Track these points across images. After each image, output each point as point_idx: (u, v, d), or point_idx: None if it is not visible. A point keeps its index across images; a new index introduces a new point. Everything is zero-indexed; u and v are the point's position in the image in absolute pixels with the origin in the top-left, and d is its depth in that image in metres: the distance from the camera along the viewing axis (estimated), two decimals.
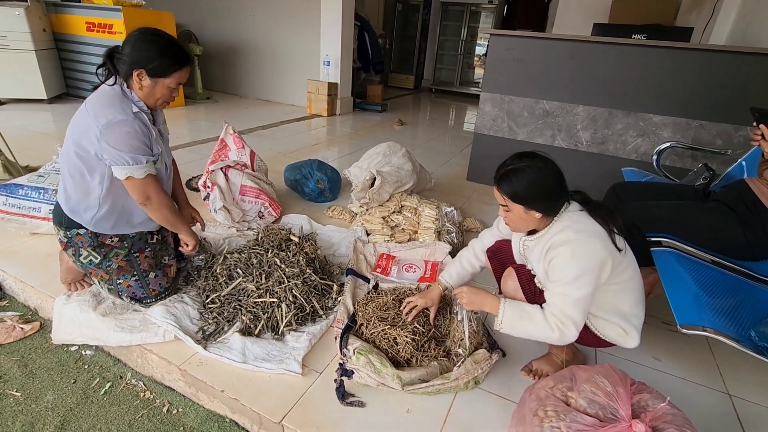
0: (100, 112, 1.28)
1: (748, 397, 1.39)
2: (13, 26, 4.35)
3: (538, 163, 1.16)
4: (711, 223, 1.50)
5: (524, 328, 1.19)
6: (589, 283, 1.13)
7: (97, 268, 1.49)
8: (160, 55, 1.30)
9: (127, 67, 1.31)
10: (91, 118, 1.28)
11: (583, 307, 1.15)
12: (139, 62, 1.29)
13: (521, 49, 2.85)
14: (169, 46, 1.33)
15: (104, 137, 1.26)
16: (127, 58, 1.30)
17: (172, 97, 1.42)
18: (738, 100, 2.39)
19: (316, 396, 1.28)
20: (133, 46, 1.30)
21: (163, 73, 1.32)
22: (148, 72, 1.31)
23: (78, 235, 1.43)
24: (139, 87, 1.33)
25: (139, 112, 1.33)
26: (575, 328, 1.14)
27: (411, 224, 2.28)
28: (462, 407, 1.28)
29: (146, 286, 1.53)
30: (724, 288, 1.31)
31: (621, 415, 1.01)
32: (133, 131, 1.28)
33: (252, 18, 5.91)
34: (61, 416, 1.31)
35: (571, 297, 1.13)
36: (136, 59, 1.29)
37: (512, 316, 1.20)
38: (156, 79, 1.33)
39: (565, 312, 1.13)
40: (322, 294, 1.68)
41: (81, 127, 1.31)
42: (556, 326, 1.14)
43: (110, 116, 1.26)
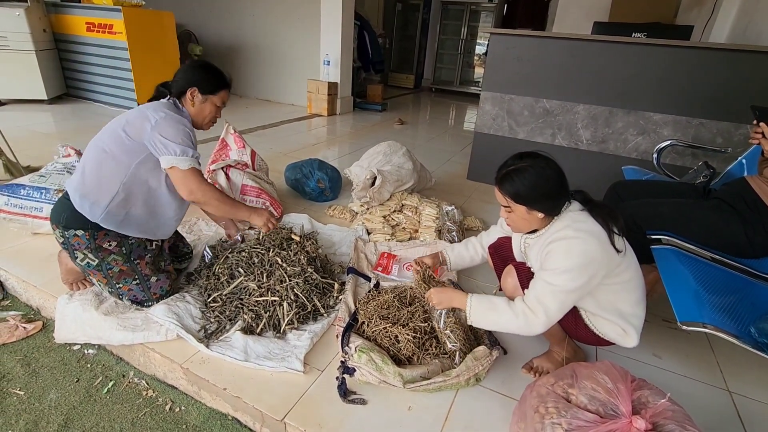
0: (158, 110, 1.41)
1: (748, 394, 1.40)
2: (13, 27, 4.36)
3: (540, 162, 1.17)
4: (711, 221, 1.50)
5: (491, 318, 1.23)
6: (576, 279, 1.14)
7: (96, 270, 1.48)
8: (210, 76, 1.53)
9: (181, 86, 1.50)
10: (145, 114, 1.40)
11: (563, 300, 1.15)
12: (193, 82, 1.49)
13: (521, 47, 2.85)
14: (216, 71, 1.57)
15: (158, 128, 1.37)
16: (181, 80, 1.50)
17: (216, 117, 1.60)
18: (738, 98, 2.39)
19: (318, 394, 1.28)
20: (186, 71, 1.53)
21: (212, 90, 1.53)
22: (200, 89, 1.50)
23: (75, 236, 1.43)
24: (192, 104, 1.52)
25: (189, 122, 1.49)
26: (545, 317, 1.15)
27: (412, 223, 2.28)
28: (463, 404, 1.28)
29: (148, 290, 1.54)
30: (724, 285, 1.31)
31: (621, 412, 1.01)
32: (184, 127, 1.41)
33: (252, 18, 5.92)
34: (65, 415, 1.31)
35: (553, 287, 1.14)
36: (190, 79, 1.50)
37: (478, 309, 1.25)
38: (206, 96, 1.52)
39: (539, 298, 1.14)
40: (323, 293, 1.69)
41: (130, 120, 1.41)
42: (522, 312, 1.16)
43: (167, 113, 1.41)
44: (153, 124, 1.36)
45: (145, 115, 1.39)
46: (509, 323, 1.20)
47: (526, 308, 1.17)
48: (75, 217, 1.41)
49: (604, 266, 1.17)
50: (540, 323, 1.16)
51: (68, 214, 1.42)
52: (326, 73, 5.48)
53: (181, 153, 1.37)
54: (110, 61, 4.72)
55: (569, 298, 1.17)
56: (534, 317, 1.16)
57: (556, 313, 1.16)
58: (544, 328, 1.18)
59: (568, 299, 1.17)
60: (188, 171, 1.39)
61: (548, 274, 1.17)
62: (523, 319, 1.17)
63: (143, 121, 1.38)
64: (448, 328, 1.42)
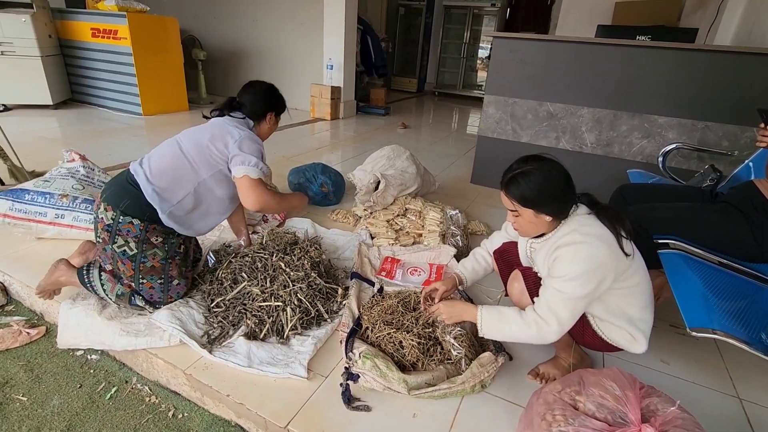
0: (239, 127, 1.64)
1: (759, 401, 1.37)
2: (19, 33, 4.40)
3: (546, 165, 1.16)
4: (718, 225, 1.49)
5: (503, 329, 1.22)
6: (585, 285, 1.12)
7: (129, 260, 1.49)
8: (282, 101, 1.82)
9: (260, 111, 1.75)
10: (229, 130, 1.61)
11: (574, 307, 1.13)
12: (273, 106, 1.78)
13: (524, 51, 2.85)
14: (281, 96, 1.84)
15: (240, 143, 1.57)
16: (261, 104, 1.74)
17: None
18: (744, 101, 2.37)
19: (322, 400, 1.27)
20: (266, 95, 1.76)
21: (281, 112, 1.84)
22: (275, 114, 1.81)
23: (129, 223, 1.47)
24: (269, 125, 1.80)
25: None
26: (557, 326, 1.13)
27: (415, 227, 2.27)
28: (469, 411, 1.27)
29: (167, 291, 1.56)
30: (733, 290, 1.29)
31: (630, 420, 1.00)
32: (259, 146, 1.64)
33: (255, 23, 5.95)
34: (67, 421, 1.31)
35: (564, 294, 1.13)
36: (272, 104, 1.77)
37: (490, 320, 1.23)
38: (278, 117, 1.83)
39: (551, 307, 1.13)
40: (327, 298, 1.68)
41: (216, 134, 1.60)
42: (534, 322, 1.14)
43: (247, 132, 1.64)
44: (237, 139, 1.57)
45: (228, 130, 1.60)
46: (521, 333, 1.19)
47: (538, 317, 1.15)
48: (137, 205, 1.47)
49: (612, 270, 1.15)
50: (552, 332, 1.14)
51: (131, 202, 1.47)
52: (329, 77, 5.49)
53: (255, 165, 1.57)
54: (115, 67, 4.76)
55: (580, 305, 1.15)
56: (546, 326, 1.14)
57: (568, 320, 1.15)
58: (556, 337, 1.16)
59: (579, 306, 1.15)
60: (257, 180, 1.60)
61: (557, 282, 1.15)
62: (536, 328, 1.15)
63: (226, 135, 1.58)
64: (452, 335, 1.41)
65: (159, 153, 1.59)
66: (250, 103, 1.73)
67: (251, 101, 1.73)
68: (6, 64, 4.42)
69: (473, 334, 1.50)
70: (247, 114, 1.73)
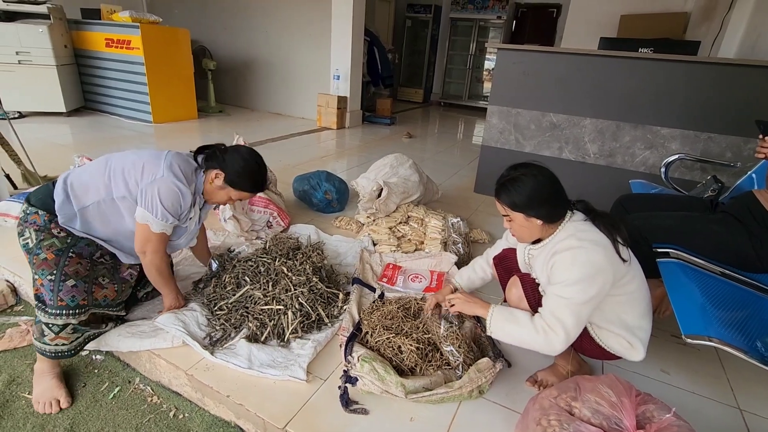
0: (173, 167, 1.40)
1: (759, 412, 1.36)
2: (36, 43, 4.54)
3: (533, 171, 1.20)
4: (718, 235, 1.49)
5: (511, 331, 1.21)
6: (587, 289, 1.13)
7: (26, 253, 1.38)
8: (246, 175, 1.48)
9: (215, 164, 1.47)
10: (160, 163, 1.40)
11: (578, 313, 1.14)
12: (226, 169, 1.46)
13: (528, 62, 2.89)
14: (257, 175, 1.51)
15: (158, 182, 1.36)
16: (221, 159, 1.47)
17: (226, 204, 1.60)
18: (747, 112, 2.38)
19: (320, 403, 1.28)
20: (234, 155, 1.48)
21: (236, 186, 1.49)
22: (225, 178, 1.47)
23: (35, 214, 1.37)
24: (210, 182, 1.49)
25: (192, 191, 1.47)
26: (564, 333, 1.13)
27: (417, 235, 2.29)
28: (466, 417, 1.27)
29: (57, 292, 1.30)
30: (731, 300, 1.29)
31: (625, 426, 1.00)
32: (179, 197, 1.40)
33: (264, 34, 6.07)
34: (71, 419, 1.33)
35: (566, 300, 1.13)
36: (227, 165, 1.46)
37: (499, 319, 1.23)
38: (226, 186, 1.49)
39: (556, 314, 1.13)
40: (328, 302, 1.70)
41: (150, 160, 1.41)
42: (542, 329, 1.14)
43: (175, 175, 1.39)
44: (158, 177, 1.36)
45: (159, 164, 1.39)
46: (528, 337, 1.18)
47: (545, 325, 1.15)
48: (46, 200, 1.38)
49: (610, 275, 1.16)
50: (560, 340, 1.14)
51: (42, 196, 1.39)
52: (336, 87, 5.57)
53: (161, 216, 1.37)
54: (127, 76, 4.88)
55: (584, 310, 1.15)
56: (554, 334, 1.14)
57: (573, 327, 1.14)
58: (563, 346, 1.15)
59: (583, 311, 1.15)
60: (156, 234, 1.40)
61: (558, 288, 1.16)
62: (543, 335, 1.14)
63: (155, 168, 1.38)
64: (449, 341, 1.41)
65: (91, 163, 1.49)
66: (216, 155, 1.48)
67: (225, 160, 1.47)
68: (23, 73, 4.56)
69: (472, 340, 1.51)
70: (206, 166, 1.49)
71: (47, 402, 1.35)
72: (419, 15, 8.24)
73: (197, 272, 1.90)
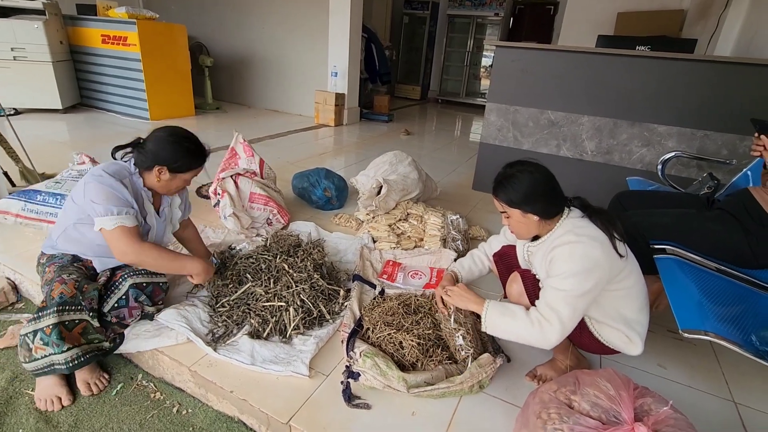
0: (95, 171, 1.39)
1: (754, 405, 1.39)
2: (31, 39, 4.50)
3: (528, 168, 1.22)
4: (714, 232, 1.51)
5: (506, 325, 1.22)
6: (583, 282, 1.15)
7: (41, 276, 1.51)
8: (184, 156, 1.45)
9: (149, 162, 1.43)
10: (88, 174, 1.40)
11: (574, 305, 1.15)
12: (164, 161, 1.42)
13: (526, 60, 2.90)
14: (193, 149, 1.47)
15: (87, 190, 1.36)
16: (152, 155, 1.42)
17: (183, 187, 1.60)
18: (743, 110, 2.40)
19: (323, 398, 1.30)
20: (159, 145, 1.43)
21: (183, 170, 1.47)
22: (169, 169, 1.44)
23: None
24: (157, 180, 1.46)
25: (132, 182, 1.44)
26: (559, 325, 1.14)
27: (417, 232, 2.31)
28: (466, 411, 1.29)
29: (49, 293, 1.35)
30: (727, 295, 1.32)
31: (623, 419, 1.02)
32: (110, 189, 1.36)
33: (261, 30, 6.05)
34: (74, 415, 1.34)
35: (563, 292, 1.15)
36: (161, 158, 1.42)
37: (494, 313, 1.24)
38: (175, 174, 1.46)
39: (552, 305, 1.15)
40: (329, 299, 1.71)
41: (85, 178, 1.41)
42: (537, 320, 1.16)
43: (98, 175, 1.37)
44: (83, 187, 1.36)
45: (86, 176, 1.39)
46: (524, 330, 1.19)
47: (540, 316, 1.17)
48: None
49: (608, 270, 1.18)
50: (555, 331, 1.15)
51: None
52: (334, 84, 5.57)
53: (104, 212, 1.33)
54: (124, 72, 4.85)
55: (580, 303, 1.17)
56: (548, 325, 1.15)
57: (569, 319, 1.16)
58: (559, 338, 1.16)
59: (579, 304, 1.16)
60: (115, 231, 1.34)
61: (555, 280, 1.18)
62: (538, 327, 1.16)
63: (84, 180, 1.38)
64: (460, 334, 1.42)
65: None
66: (145, 151, 1.43)
67: (147, 147, 1.43)
68: (18, 69, 4.52)
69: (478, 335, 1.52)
70: (140, 166, 1.45)
71: (48, 399, 1.35)
72: (417, 12, 8.24)
73: None
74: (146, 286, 1.48)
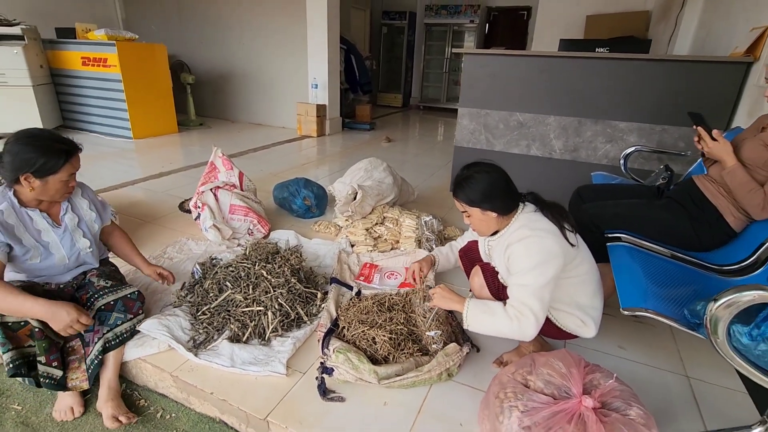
0: None
1: (704, 378, 1.49)
2: (11, 64, 4.54)
3: (484, 168, 1.31)
4: (662, 219, 1.62)
5: (487, 322, 1.28)
6: (544, 273, 1.23)
7: None
8: (41, 155, 1.33)
9: (12, 175, 1.34)
10: None
11: (541, 296, 1.23)
12: (22, 167, 1.32)
13: (494, 65, 3.02)
14: (50, 144, 1.36)
15: None
16: (10, 166, 1.32)
17: (69, 188, 1.47)
18: (696, 104, 2.54)
19: (300, 394, 1.37)
20: (12, 152, 1.32)
21: (51, 170, 1.36)
22: (34, 174, 1.34)
23: None
24: (30, 189, 1.37)
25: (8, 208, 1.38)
26: (533, 317, 1.22)
27: (393, 234, 2.39)
28: (436, 398, 1.37)
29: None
30: (674, 277, 1.41)
31: (573, 393, 1.11)
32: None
33: (241, 45, 6.15)
34: (59, 426, 1.39)
35: (528, 287, 1.24)
36: (18, 165, 1.32)
37: (475, 312, 1.30)
38: (46, 177, 1.36)
39: (522, 301, 1.23)
40: (306, 301, 1.78)
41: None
42: (515, 317, 1.23)
43: None
44: None
45: None
46: (503, 326, 1.24)
47: (516, 312, 1.23)
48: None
49: (562, 258, 1.27)
50: (531, 323, 1.21)
51: None
52: (315, 95, 5.67)
53: None
54: (105, 93, 4.90)
55: (545, 293, 1.24)
56: (525, 319, 1.22)
57: (540, 310, 1.22)
58: (535, 330, 1.22)
59: (544, 294, 1.24)
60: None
61: (518, 277, 1.26)
62: (517, 322, 1.22)
63: None
64: (433, 327, 1.50)
65: None
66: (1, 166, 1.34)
67: (3, 162, 1.33)
68: None
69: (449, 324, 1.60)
70: (7, 180, 1.37)
71: (63, 411, 1.41)
72: (395, 22, 8.41)
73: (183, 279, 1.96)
74: (113, 304, 1.49)
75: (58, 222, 1.52)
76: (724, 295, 0.92)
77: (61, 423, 1.39)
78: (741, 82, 2.41)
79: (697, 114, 1.60)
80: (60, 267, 1.52)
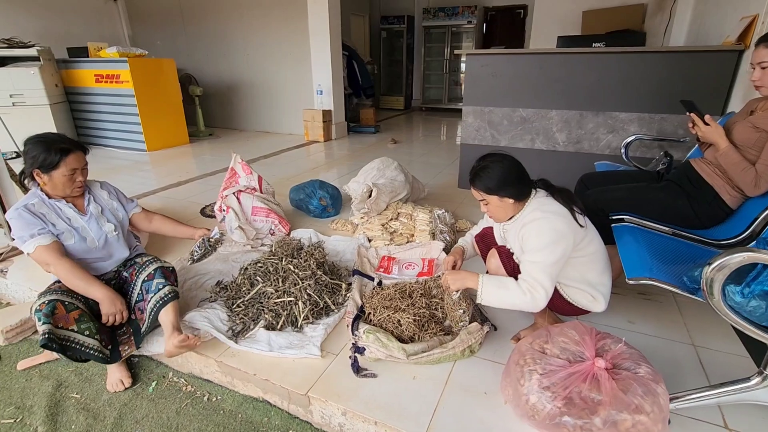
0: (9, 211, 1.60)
1: (709, 346, 1.60)
2: (29, 84, 4.74)
3: (498, 158, 1.43)
4: (661, 200, 1.73)
5: (501, 295, 1.40)
6: (554, 252, 1.36)
7: None
8: (40, 152, 1.57)
9: (27, 170, 1.61)
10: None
11: (550, 273, 1.36)
12: (32, 164, 1.58)
13: (495, 64, 3.15)
14: (51, 142, 1.59)
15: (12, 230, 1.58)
16: (24, 162, 1.61)
17: (75, 183, 1.66)
18: (693, 93, 2.64)
19: (335, 372, 1.49)
20: (24, 151, 1.59)
21: (51, 165, 1.58)
22: (40, 169, 1.59)
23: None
24: (43, 183, 1.63)
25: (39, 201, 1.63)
26: (543, 291, 1.35)
27: (408, 228, 2.51)
28: (461, 372, 1.49)
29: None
30: (673, 252, 1.52)
31: (587, 357, 1.22)
32: (19, 216, 1.57)
33: (246, 57, 6.32)
34: (118, 410, 1.52)
35: (539, 264, 1.36)
36: (29, 162, 1.59)
37: (490, 287, 1.42)
38: (50, 173, 1.59)
39: (534, 276, 1.35)
40: (333, 292, 1.91)
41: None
42: (528, 290, 1.36)
43: (18, 206, 1.59)
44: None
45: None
46: (517, 299, 1.36)
47: (528, 286, 1.36)
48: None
49: (572, 239, 1.39)
50: (541, 297, 1.34)
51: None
52: (320, 102, 5.82)
53: (20, 241, 1.56)
54: (119, 108, 5.08)
55: (554, 270, 1.37)
56: (536, 292, 1.34)
57: (549, 285, 1.35)
58: (545, 301, 1.35)
59: (553, 271, 1.36)
60: (35, 253, 1.55)
61: (530, 255, 1.39)
62: (529, 295, 1.34)
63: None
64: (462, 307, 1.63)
65: None
66: (23, 169, 1.63)
67: (26, 162, 1.60)
68: (18, 114, 4.73)
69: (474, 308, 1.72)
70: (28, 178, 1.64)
71: (114, 383, 1.60)
72: (393, 26, 8.57)
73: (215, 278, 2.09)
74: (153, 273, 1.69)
75: (83, 211, 1.74)
76: (717, 258, 1.03)
77: (119, 407, 1.53)
78: (734, 70, 2.52)
79: (688, 101, 1.71)
80: (93, 250, 1.71)
